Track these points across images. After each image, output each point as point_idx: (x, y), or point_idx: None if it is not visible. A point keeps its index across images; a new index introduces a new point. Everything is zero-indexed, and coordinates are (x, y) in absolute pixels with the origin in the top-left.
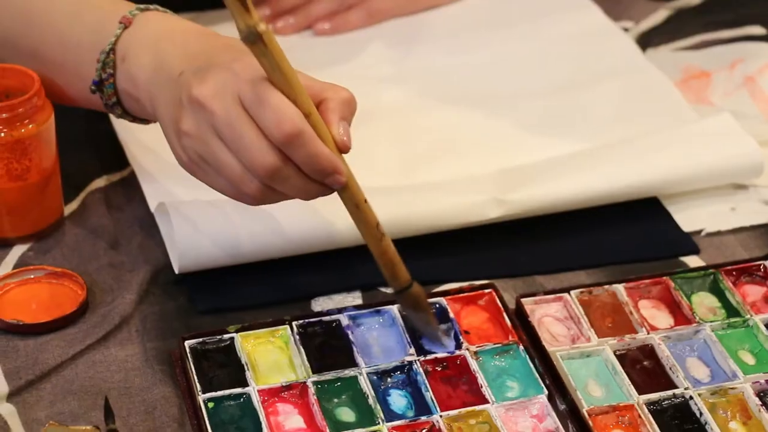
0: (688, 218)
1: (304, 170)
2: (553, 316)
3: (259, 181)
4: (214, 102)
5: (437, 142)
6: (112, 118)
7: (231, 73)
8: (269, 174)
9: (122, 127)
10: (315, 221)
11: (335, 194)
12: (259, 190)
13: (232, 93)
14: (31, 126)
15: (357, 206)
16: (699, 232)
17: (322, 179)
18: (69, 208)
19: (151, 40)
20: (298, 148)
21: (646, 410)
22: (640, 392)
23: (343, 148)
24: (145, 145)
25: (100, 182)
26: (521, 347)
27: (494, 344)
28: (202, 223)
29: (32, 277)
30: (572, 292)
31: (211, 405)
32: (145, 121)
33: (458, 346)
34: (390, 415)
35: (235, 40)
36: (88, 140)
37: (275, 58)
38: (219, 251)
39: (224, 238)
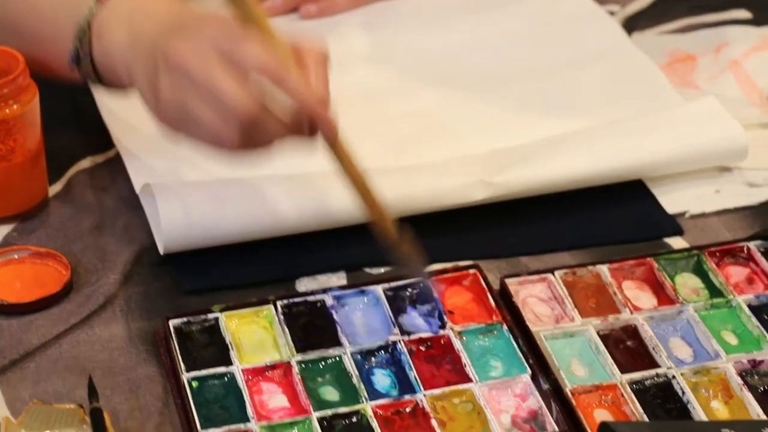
0: (672, 200)
1: (281, 116)
2: (537, 297)
3: (239, 129)
4: (190, 58)
5: (423, 125)
6: (97, 99)
7: (205, 33)
8: (248, 120)
9: (106, 108)
10: (301, 201)
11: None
12: (238, 138)
13: (206, 48)
14: (15, 106)
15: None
16: (683, 214)
17: (299, 123)
18: (53, 189)
19: (125, 14)
20: (277, 87)
21: (629, 389)
22: (623, 372)
23: (320, 96)
24: (129, 126)
25: (84, 163)
26: (505, 327)
27: (478, 324)
28: (187, 204)
29: (16, 257)
30: (556, 272)
31: (195, 384)
32: (123, 90)
33: (442, 326)
34: (374, 395)
35: (207, 11)
36: (73, 121)
37: (251, 8)
38: (204, 232)
39: (209, 219)
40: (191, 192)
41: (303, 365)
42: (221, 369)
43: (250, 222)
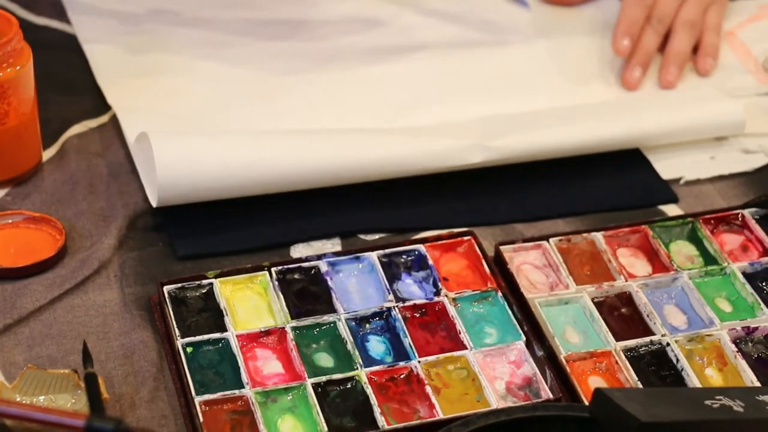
0: (667, 166)
1: None
2: (532, 264)
3: None
4: None
5: (421, 90)
6: (91, 62)
7: None
8: None
9: (99, 65)
10: (300, 156)
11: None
12: None
13: None
14: (9, 70)
15: None
16: (678, 180)
17: None
18: (47, 154)
19: None
20: None
21: (623, 356)
22: (618, 339)
23: None
24: (123, 83)
25: (78, 128)
26: (500, 294)
27: (473, 291)
28: (182, 151)
29: (10, 221)
30: (551, 239)
31: (189, 350)
32: None
33: (437, 293)
34: (368, 361)
35: None
36: (67, 86)
37: None
38: (199, 182)
39: (204, 168)
40: (187, 140)
41: (297, 331)
42: (216, 335)
43: (247, 173)
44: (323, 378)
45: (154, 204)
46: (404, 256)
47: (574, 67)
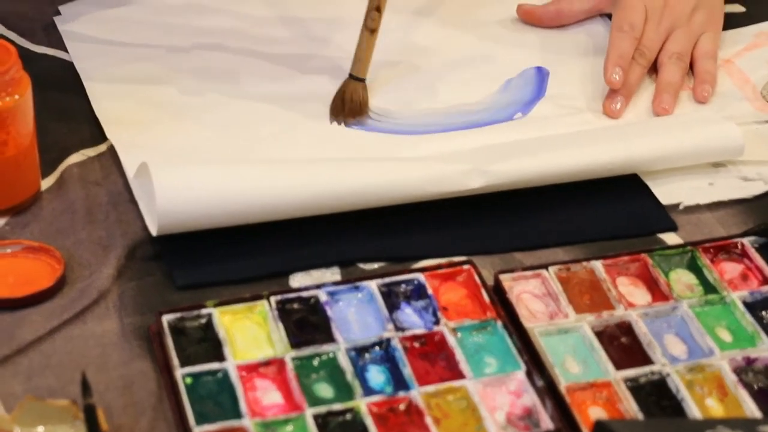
0: (666, 192)
1: None
2: (531, 293)
3: None
4: None
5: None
6: (89, 91)
7: None
8: None
9: (98, 100)
10: (299, 183)
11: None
12: None
13: None
14: (8, 99)
15: None
16: (677, 205)
17: None
18: (46, 183)
19: None
20: None
21: (623, 386)
22: (618, 369)
23: None
24: (122, 117)
25: (77, 157)
26: (499, 323)
27: (472, 320)
28: (181, 181)
29: (9, 251)
30: (550, 268)
31: (188, 380)
32: None
33: (436, 322)
34: (368, 391)
35: None
36: (65, 115)
37: None
38: (199, 210)
39: (205, 197)
40: (187, 170)
41: (297, 361)
42: (215, 365)
43: (246, 202)
44: (323, 408)
45: (153, 233)
46: (403, 286)
47: (571, 93)
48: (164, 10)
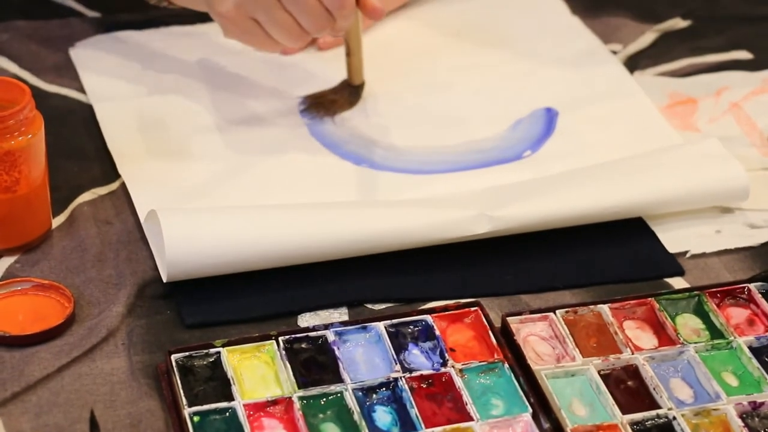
0: (673, 240)
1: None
2: (539, 335)
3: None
4: None
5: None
6: (103, 126)
7: None
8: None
9: (113, 138)
10: (308, 231)
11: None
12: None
13: None
14: (21, 138)
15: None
16: (684, 253)
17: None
18: (57, 221)
19: None
20: None
21: (629, 430)
22: (624, 412)
23: (373, 12)
24: (134, 156)
25: (87, 195)
26: (506, 365)
27: (480, 362)
28: (191, 230)
29: (19, 288)
30: (558, 311)
31: (196, 419)
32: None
33: (444, 363)
34: (375, 431)
35: None
36: (77, 154)
37: None
38: (208, 259)
39: (214, 246)
40: (196, 218)
41: (304, 401)
42: (223, 404)
43: (255, 250)
44: None
45: (164, 279)
46: (411, 327)
47: (580, 132)
48: (180, 48)
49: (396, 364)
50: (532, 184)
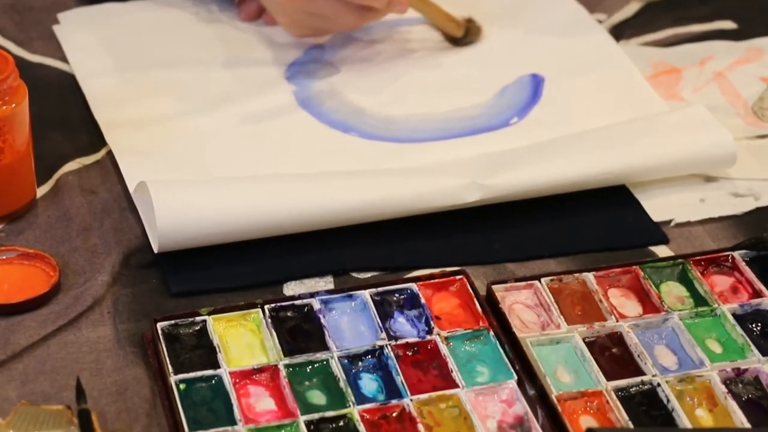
0: (658, 208)
1: None
2: (524, 303)
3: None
4: None
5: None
6: (88, 96)
7: None
8: None
9: (97, 105)
10: (298, 199)
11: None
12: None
13: None
14: (4, 108)
15: None
16: (669, 222)
17: None
18: (41, 190)
19: None
20: None
21: (614, 396)
22: (609, 379)
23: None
24: (123, 125)
25: (72, 165)
26: (491, 333)
27: (465, 330)
28: (181, 201)
29: (4, 257)
30: (543, 279)
31: (182, 387)
32: None
33: (429, 331)
34: (361, 399)
35: None
36: (61, 124)
37: None
38: (199, 229)
39: (204, 216)
40: (186, 189)
41: (290, 369)
42: (209, 372)
43: (245, 221)
44: (316, 415)
45: (155, 250)
46: (397, 295)
47: (566, 99)
48: (167, 18)
49: (382, 332)
50: (520, 151)
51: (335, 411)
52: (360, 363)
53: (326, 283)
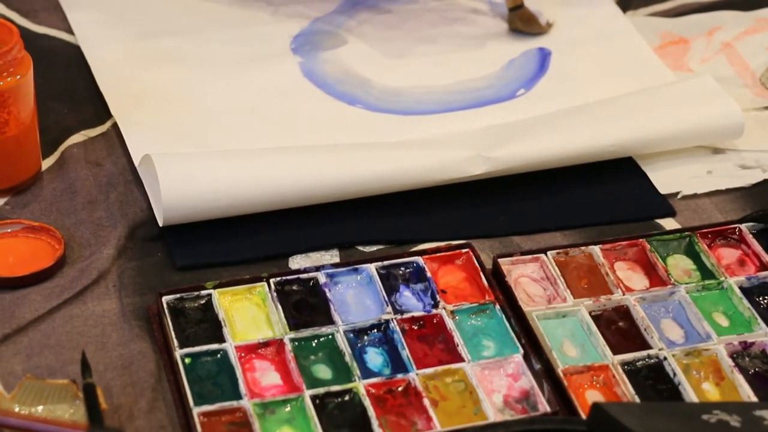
0: (665, 181)
1: None
2: (530, 277)
3: None
4: None
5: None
6: (93, 67)
7: None
8: None
9: (102, 77)
10: (303, 173)
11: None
12: None
13: None
14: (9, 79)
15: None
16: (675, 194)
17: None
18: (47, 163)
19: None
20: None
21: (620, 370)
22: (615, 353)
23: None
24: (128, 97)
25: (78, 137)
26: (497, 307)
27: (471, 304)
28: (187, 175)
29: (9, 230)
30: (549, 252)
31: (188, 360)
32: None
33: (435, 305)
34: (366, 373)
35: None
36: (66, 95)
37: None
38: (204, 203)
39: (210, 190)
40: (191, 162)
41: (296, 343)
42: (214, 346)
43: (251, 194)
44: (321, 390)
45: (160, 223)
46: (402, 268)
47: (573, 71)
48: None
49: (387, 305)
50: (527, 123)
51: (341, 385)
52: (366, 337)
53: (332, 256)
